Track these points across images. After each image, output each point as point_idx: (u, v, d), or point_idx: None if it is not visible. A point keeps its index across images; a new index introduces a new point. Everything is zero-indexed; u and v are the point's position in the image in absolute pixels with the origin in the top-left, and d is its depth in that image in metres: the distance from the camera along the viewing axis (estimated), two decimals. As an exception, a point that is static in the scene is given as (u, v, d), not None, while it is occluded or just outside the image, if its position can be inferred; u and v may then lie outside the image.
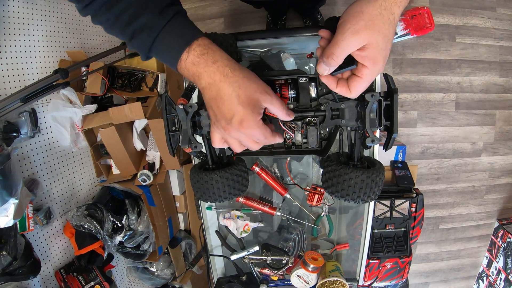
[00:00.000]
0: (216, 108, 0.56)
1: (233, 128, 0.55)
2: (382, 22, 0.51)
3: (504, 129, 2.21)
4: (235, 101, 0.53)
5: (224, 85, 0.53)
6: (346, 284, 1.02)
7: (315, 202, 1.02)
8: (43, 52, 1.46)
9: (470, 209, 2.38)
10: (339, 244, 1.17)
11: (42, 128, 1.47)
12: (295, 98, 0.77)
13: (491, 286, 2.32)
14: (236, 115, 0.54)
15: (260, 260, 1.06)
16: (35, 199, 1.41)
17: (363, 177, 0.72)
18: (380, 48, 0.52)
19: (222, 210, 1.10)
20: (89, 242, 1.60)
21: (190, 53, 0.54)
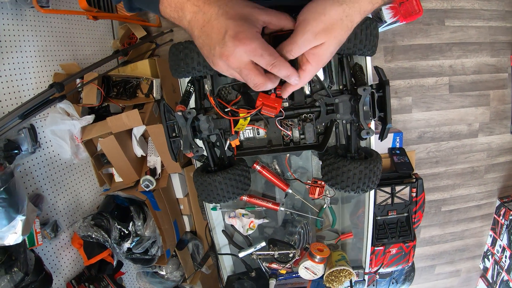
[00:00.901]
0: (206, 37, 0.49)
1: (230, 47, 0.46)
2: (341, 28, 0.51)
3: (499, 109, 2.23)
4: (223, 18, 0.46)
5: (209, 6, 0.47)
6: (352, 272, 1.05)
7: (317, 195, 1.04)
8: (37, 67, 1.47)
9: (470, 189, 2.41)
10: (343, 234, 1.20)
11: (42, 143, 1.49)
12: (289, 96, 0.78)
13: (496, 264, 2.35)
14: (228, 30, 0.46)
15: (267, 255, 1.08)
16: (41, 214, 1.43)
17: (361, 168, 0.74)
18: (330, 51, 0.53)
19: (227, 209, 1.12)
20: (97, 251, 1.62)
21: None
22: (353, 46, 0.73)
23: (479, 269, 2.62)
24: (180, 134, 0.82)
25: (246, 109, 0.76)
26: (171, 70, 0.78)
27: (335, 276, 1.05)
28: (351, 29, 0.53)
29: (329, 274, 1.06)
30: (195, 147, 0.75)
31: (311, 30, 0.50)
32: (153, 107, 1.85)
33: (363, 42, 0.73)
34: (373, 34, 0.74)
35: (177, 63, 0.74)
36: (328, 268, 1.07)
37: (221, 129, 0.80)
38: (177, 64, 0.74)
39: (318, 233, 1.26)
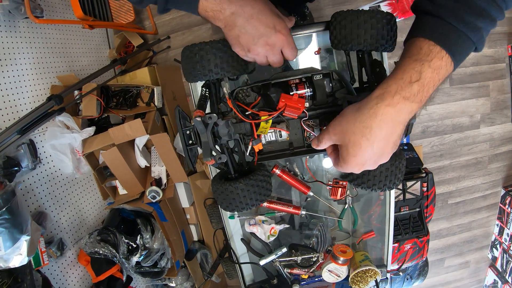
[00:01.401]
0: (252, 28, 0.59)
1: (275, 38, 0.61)
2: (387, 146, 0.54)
3: (499, 99, 2.23)
4: (269, 14, 0.60)
5: (256, 1, 0.58)
6: (378, 271, 1.02)
7: (339, 195, 1.01)
8: (33, 80, 1.42)
9: (475, 180, 2.41)
10: (365, 234, 1.17)
11: (42, 158, 1.43)
12: (311, 96, 0.75)
13: (505, 253, 2.35)
14: (276, 26, 0.60)
15: (290, 261, 1.05)
16: (45, 232, 1.37)
17: (387, 165, 0.72)
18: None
19: (246, 217, 1.08)
20: (106, 267, 1.56)
21: None
22: (375, 42, 0.71)
23: (487, 259, 2.62)
24: (197, 141, 0.79)
25: (267, 111, 0.72)
26: (185, 74, 0.75)
27: (361, 276, 1.03)
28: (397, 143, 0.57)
29: (355, 275, 1.03)
30: (217, 154, 0.72)
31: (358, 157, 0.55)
32: (155, 115, 1.81)
33: (385, 37, 0.71)
34: (394, 30, 0.73)
35: (192, 66, 0.71)
36: (352, 269, 1.04)
37: (241, 134, 0.77)
38: (192, 67, 0.71)
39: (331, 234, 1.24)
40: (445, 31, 0.50)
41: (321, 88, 0.74)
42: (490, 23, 0.50)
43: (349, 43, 0.71)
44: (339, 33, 0.71)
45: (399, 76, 0.50)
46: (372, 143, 0.52)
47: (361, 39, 0.69)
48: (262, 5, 0.58)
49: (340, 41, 0.72)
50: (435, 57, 0.49)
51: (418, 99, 0.49)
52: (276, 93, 0.78)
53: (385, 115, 0.50)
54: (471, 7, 0.49)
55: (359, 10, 0.70)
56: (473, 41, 0.51)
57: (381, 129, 0.51)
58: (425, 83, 0.49)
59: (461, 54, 0.51)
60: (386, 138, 0.52)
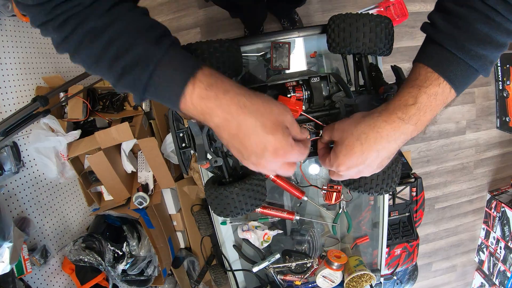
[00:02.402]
0: (240, 146, 0.48)
1: (267, 161, 0.48)
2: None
3: (484, 105, 2.30)
4: (261, 132, 0.46)
5: (245, 117, 0.46)
6: (373, 276, 1.02)
7: (334, 200, 1.00)
8: (18, 80, 1.37)
9: (461, 185, 2.46)
10: (359, 238, 1.16)
11: (26, 161, 1.37)
12: (308, 99, 0.75)
13: (492, 256, 2.40)
14: (267, 146, 0.47)
15: (284, 268, 1.03)
16: (28, 239, 1.31)
17: (384, 169, 0.71)
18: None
19: (238, 223, 1.06)
20: (91, 275, 1.51)
21: (195, 85, 0.45)
22: (374, 45, 0.71)
23: (474, 263, 2.66)
24: (190, 144, 0.76)
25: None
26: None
27: (356, 281, 1.02)
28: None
29: (350, 280, 1.02)
30: (212, 157, 0.70)
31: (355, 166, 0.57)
32: (142, 120, 1.77)
33: (383, 41, 0.71)
34: (391, 33, 0.73)
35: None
36: (347, 275, 1.03)
37: (236, 137, 0.75)
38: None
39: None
40: (444, 59, 0.50)
41: (318, 90, 0.73)
42: (496, 49, 0.49)
43: (347, 46, 0.71)
44: (338, 36, 0.71)
45: (398, 98, 0.52)
46: (363, 150, 0.53)
47: (359, 42, 0.69)
48: (253, 120, 0.46)
49: (338, 43, 0.72)
50: (432, 84, 0.50)
51: (413, 122, 0.51)
52: (272, 96, 0.76)
53: (381, 129, 0.52)
54: (473, 34, 0.48)
55: (357, 14, 0.70)
56: (475, 68, 0.50)
57: (375, 140, 0.53)
58: (421, 108, 0.50)
59: (462, 82, 0.51)
60: (378, 151, 0.53)
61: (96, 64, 0.48)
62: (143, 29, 0.48)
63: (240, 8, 1.63)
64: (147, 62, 0.46)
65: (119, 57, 0.46)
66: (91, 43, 0.46)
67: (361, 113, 0.57)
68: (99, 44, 0.46)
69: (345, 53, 0.74)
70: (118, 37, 0.46)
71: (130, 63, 0.46)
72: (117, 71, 0.47)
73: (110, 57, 0.46)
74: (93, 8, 0.46)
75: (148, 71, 0.46)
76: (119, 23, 0.46)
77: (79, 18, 0.45)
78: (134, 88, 0.48)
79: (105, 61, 0.47)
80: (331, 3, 2.03)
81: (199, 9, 2.06)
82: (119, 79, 0.48)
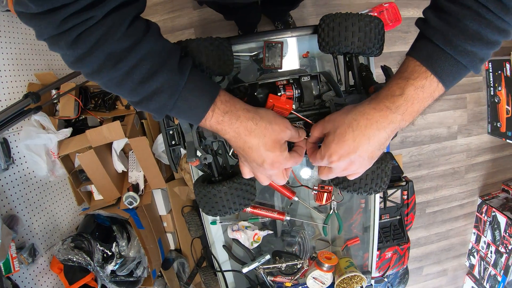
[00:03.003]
0: (245, 154, 0.57)
1: (265, 169, 0.58)
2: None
3: (476, 110, 2.32)
4: (262, 149, 0.55)
5: (250, 138, 0.55)
6: (364, 277, 1.02)
7: (325, 201, 1.00)
8: (10, 76, 1.36)
9: (452, 190, 2.47)
10: (350, 240, 1.16)
11: (16, 158, 1.36)
12: (299, 97, 0.75)
13: (482, 260, 2.42)
14: (266, 159, 0.56)
15: (274, 269, 1.02)
16: (17, 237, 1.29)
17: (373, 168, 0.71)
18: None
19: (228, 222, 1.05)
20: (79, 276, 1.49)
21: (214, 111, 0.53)
22: (363, 45, 0.71)
23: (465, 267, 2.68)
24: (180, 141, 0.76)
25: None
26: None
27: (347, 283, 1.02)
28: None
29: (341, 282, 1.02)
30: (202, 155, 0.70)
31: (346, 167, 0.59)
32: (134, 119, 1.76)
33: (372, 41, 0.72)
34: (381, 33, 0.74)
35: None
36: (337, 276, 1.03)
37: (226, 135, 0.75)
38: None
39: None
40: (432, 53, 0.51)
41: (308, 89, 0.73)
42: (486, 46, 0.49)
43: (336, 45, 0.71)
44: (327, 35, 0.72)
45: (387, 88, 0.54)
46: (355, 136, 0.54)
47: (348, 41, 0.69)
48: (257, 140, 0.55)
49: (328, 43, 0.72)
50: (419, 77, 0.52)
51: (401, 112, 0.52)
52: (263, 94, 0.76)
53: (371, 115, 0.54)
54: (462, 31, 0.49)
55: (347, 13, 0.71)
56: (464, 64, 0.51)
57: (365, 126, 0.54)
58: (407, 99, 0.52)
59: (450, 77, 0.51)
60: (368, 138, 0.54)
61: (117, 87, 0.50)
62: (164, 54, 0.50)
63: (234, 11, 1.63)
64: (173, 89, 0.50)
65: (144, 83, 0.49)
66: (113, 68, 0.46)
67: (351, 105, 0.59)
68: (121, 69, 0.47)
69: (335, 52, 0.75)
70: (141, 63, 0.48)
71: (155, 90, 0.49)
72: (141, 95, 0.50)
73: (134, 83, 0.48)
74: (108, 26, 0.45)
75: (174, 98, 0.51)
76: (141, 49, 0.48)
77: (94, 37, 0.44)
78: (159, 111, 0.53)
79: (128, 85, 0.49)
80: (325, 7, 2.05)
81: (194, 10, 2.06)
82: (142, 102, 0.51)
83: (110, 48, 0.45)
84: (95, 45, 0.44)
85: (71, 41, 0.44)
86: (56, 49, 0.46)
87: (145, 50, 0.48)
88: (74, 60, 0.46)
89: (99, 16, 0.43)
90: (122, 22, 0.46)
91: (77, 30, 0.43)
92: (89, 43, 0.44)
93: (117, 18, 0.45)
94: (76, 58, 0.46)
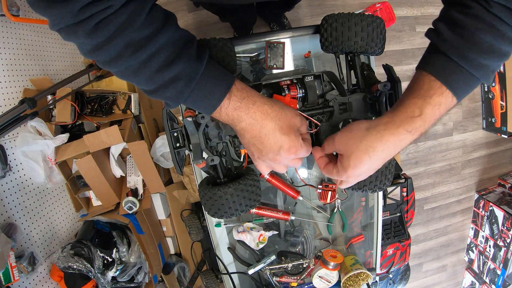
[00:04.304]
0: (260, 144, 0.56)
1: (283, 156, 0.57)
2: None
3: (470, 107, 2.35)
4: (278, 133, 0.55)
5: (266, 122, 0.54)
6: (370, 274, 1.02)
7: (329, 199, 1.00)
8: (5, 82, 1.33)
9: (450, 186, 2.50)
10: (354, 237, 1.17)
11: (13, 165, 1.33)
12: (303, 97, 0.75)
13: (481, 255, 2.44)
14: (283, 145, 0.56)
15: (280, 269, 1.02)
16: (15, 245, 1.27)
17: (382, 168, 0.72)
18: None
19: (232, 224, 1.05)
20: (80, 283, 1.46)
21: (231, 99, 0.53)
22: (366, 44, 0.72)
23: (464, 262, 2.70)
24: (185, 143, 0.75)
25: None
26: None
27: (353, 280, 1.02)
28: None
29: (347, 279, 1.02)
30: (209, 156, 0.69)
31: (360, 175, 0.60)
32: (131, 123, 1.74)
33: (375, 40, 0.72)
34: (383, 33, 0.74)
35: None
36: (344, 274, 1.03)
37: (230, 136, 0.75)
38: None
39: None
40: (447, 67, 0.52)
41: (312, 89, 0.74)
42: (499, 58, 0.50)
43: (340, 45, 0.71)
44: (330, 35, 0.72)
45: (404, 109, 0.53)
46: (372, 161, 0.55)
47: (351, 41, 0.70)
48: (273, 124, 0.55)
49: (331, 43, 0.72)
50: (435, 93, 0.52)
51: (419, 132, 0.53)
52: (267, 94, 0.76)
53: (389, 142, 0.54)
54: (477, 45, 0.49)
55: (350, 13, 0.71)
56: (478, 77, 0.51)
57: (383, 152, 0.54)
58: (426, 119, 0.52)
59: (464, 90, 0.52)
60: (384, 158, 0.56)
61: (134, 75, 0.49)
62: (183, 43, 0.50)
63: (230, 12, 1.63)
64: (190, 77, 0.50)
65: (162, 71, 0.48)
66: (132, 56, 0.46)
67: (363, 125, 0.57)
68: (140, 57, 0.46)
69: (338, 52, 0.75)
70: (160, 52, 0.47)
71: (173, 77, 0.49)
72: (158, 83, 0.50)
73: (152, 70, 0.48)
74: (127, 15, 0.44)
75: (191, 86, 0.51)
76: (161, 37, 0.47)
77: (113, 25, 0.43)
78: (175, 99, 0.52)
79: (145, 73, 0.48)
80: (320, 7, 2.06)
81: (189, 12, 2.06)
82: (158, 90, 0.51)
83: (130, 36, 0.45)
84: (114, 33, 0.44)
85: (89, 29, 0.43)
86: (73, 38, 0.45)
87: (164, 39, 0.48)
88: (92, 49, 0.45)
89: (118, 5, 0.43)
90: (141, 10, 0.45)
91: (96, 18, 0.42)
92: (108, 31, 0.43)
93: (136, 7, 0.45)
94: (94, 47, 0.45)
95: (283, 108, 0.57)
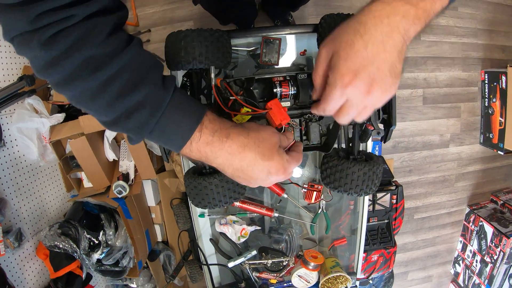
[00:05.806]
0: (246, 176, 0.52)
1: (274, 179, 0.54)
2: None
3: (469, 120, 2.35)
4: (261, 161, 0.51)
5: (245, 153, 0.50)
6: (349, 278, 1.02)
7: (314, 199, 1.01)
8: (5, 58, 1.34)
9: (442, 197, 2.50)
10: (337, 240, 1.17)
11: (7, 141, 1.34)
12: (294, 95, 0.75)
13: (467, 269, 2.45)
14: (270, 169, 0.52)
15: (260, 264, 1.03)
16: (4, 220, 1.28)
17: (365, 170, 0.72)
18: None
19: (216, 216, 1.05)
20: (65, 263, 1.48)
21: (202, 131, 0.47)
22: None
23: (450, 274, 2.71)
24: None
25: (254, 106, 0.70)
26: (168, 61, 0.73)
27: (331, 283, 1.02)
28: None
29: (326, 281, 1.03)
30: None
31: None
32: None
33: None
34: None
35: (176, 52, 0.69)
36: (323, 276, 1.04)
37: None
38: (176, 53, 0.69)
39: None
40: None
41: (305, 87, 0.74)
42: None
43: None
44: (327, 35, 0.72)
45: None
46: (366, 42, 0.44)
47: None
48: (253, 153, 0.50)
49: (327, 42, 0.72)
50: None
51: (414, 2, 0.43)
52: (259, 89, 0.77)
53: (379, 11, 0.44)
54: None
55: (349, 14, 0.71)
56: None
57: (375, 26, 0.44)
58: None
59: None
60: (382, 42, 0.43)
61: (91, 100, 0.43)
62: (148, 66, 0.45)
63: (229, 15, 1.61)
64: (156, 105, 0.44)
65: (123, 96, 0.42)
66: (90, 76, 0.40)
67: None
68: (99, 79, 0.41)
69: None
70: (122, 73, 0.42)
71: (137, 105, 0.43)
72: (118, 111, 0.43)
73: (112, 96, 0.42)
74: (89, 29, 0.40)
75: (157, 116, 0.44)
76: (123, 57, 0.42)
77: (72, 37, 0.39)
78: (138, 131, 0.46)
79: (104, 99, 0.42)
80: (325, 7, 2.05)
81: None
82: (119, 120, 0.44)
83: (89, 52, 0.40)
84: (72, 47, 0.39)
85: (45, 40, 0.38)
86: (26, 49, 0.40)
87: (127, 59, 0.43)
88: (46, 64, 0.40)
89: (81, 17, 0.39)
90: (104, 27, 0.41)
91: (54, 28, 0.38)
92: (65, 44, 0.39)
93: (99, 22, 0.41)
94: (49, 62, 0.39)
95: (259, 132, 0.52)
